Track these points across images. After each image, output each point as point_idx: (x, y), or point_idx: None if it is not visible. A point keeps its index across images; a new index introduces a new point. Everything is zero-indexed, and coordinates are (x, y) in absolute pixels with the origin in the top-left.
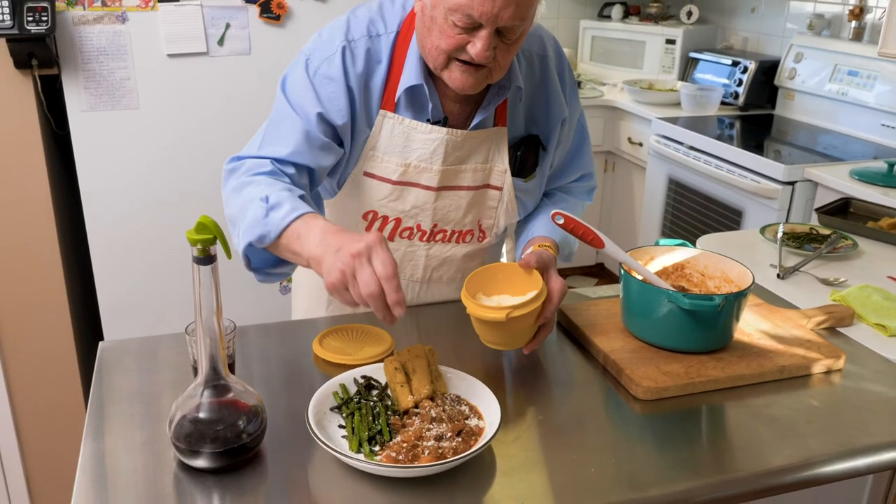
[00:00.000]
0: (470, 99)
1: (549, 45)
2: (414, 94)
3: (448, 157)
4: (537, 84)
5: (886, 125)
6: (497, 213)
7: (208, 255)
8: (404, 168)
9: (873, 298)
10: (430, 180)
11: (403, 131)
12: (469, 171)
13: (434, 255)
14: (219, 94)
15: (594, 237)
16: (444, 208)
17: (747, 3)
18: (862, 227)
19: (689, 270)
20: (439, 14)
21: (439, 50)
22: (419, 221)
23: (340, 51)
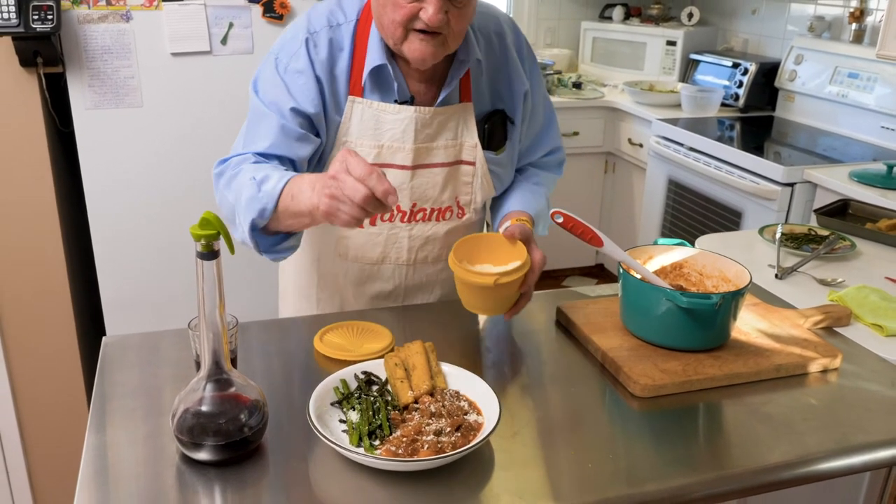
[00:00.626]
0: (434, 77)
1: (505, 24)
2: (379, 75)
3: (419, 135)
4: (497, 61)
5: (886, 127)
6: (473, 189)
7: (212, 251)
8: (378, 150)
9: (870, 299)
10: (405, 159)
11: (373, 114)
12: (441, 148)
13: (417, 236)
14: (221, 93)
15: (593, 236)
16: (421, 186)
17: (748, 5)
18: (860, 229)
19: (687, 270)
20: None
21: (395, 23)
22: (398, 203)
23: (304, 43)
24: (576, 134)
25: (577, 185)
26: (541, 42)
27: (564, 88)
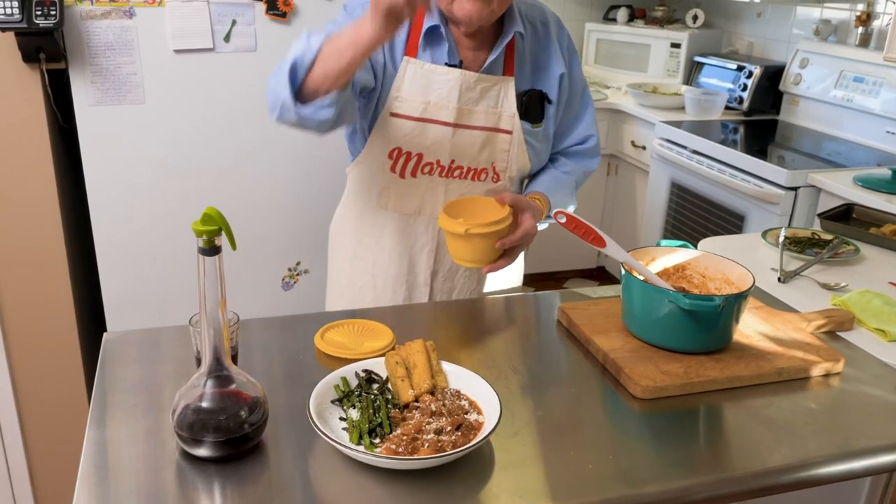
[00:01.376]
0: (482, 46)
1: (550, 16)
2: (433, 37)
3: (462, 97)
4: (540, 45)
5: (891, 132)
6: (509, 157)
7: (214, 246)
8: (425, 106)
9: (874, 303)
10: (448, 116)
11: (424, 74)
12: (482, 113)
13: (452, 192)
14: (224, 90)
15: (596, 236)
16: (460, 144)
17: (753, 8)
18: (864, 233)
19: (689, 272)
20: None
21: None
22: (438, 157)
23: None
24: None
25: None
26: None
27: None
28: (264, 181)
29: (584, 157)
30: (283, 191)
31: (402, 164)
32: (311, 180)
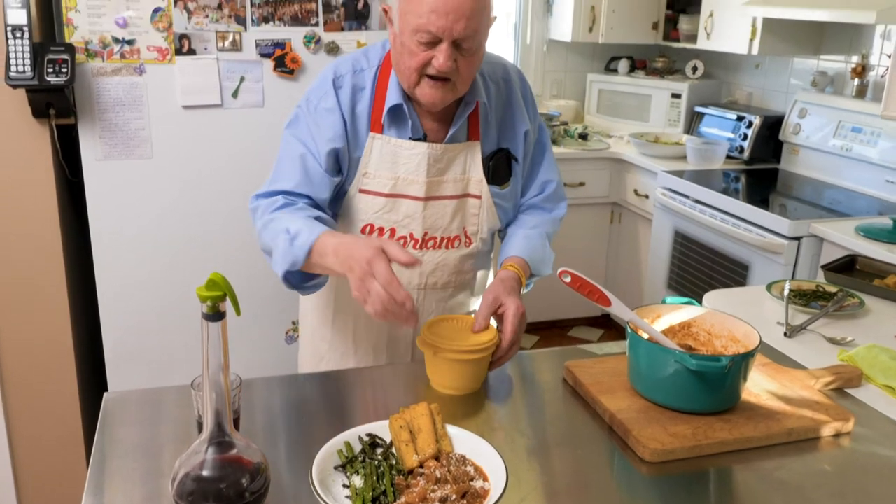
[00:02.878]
0: (445, 117)
1: (512, 71)
2: (396, 114)
3: (431, 169)
4: (504, 103)
5: (891, 181)
6: (480, 220)
7: (218, 312)
8: (394, 181)
9: (881, 359)
10: (418, 191)
11: (391, 149)
12: (450, 182)
13: (427, 262)
14: (231, 145)
15: (601, 295)
16: (432, 216)
17: (751, 59)
18: (868, 285)
19: (695, 329)
20: (407, 38)
21: (410, 69)
22: (411, 230)
23: (332, 84)
24: (582, 184)
25: (584, 235)
26: (547, 93)
27: (570, 139)
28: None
29: (547, 206)
30: None
31: None
32: None
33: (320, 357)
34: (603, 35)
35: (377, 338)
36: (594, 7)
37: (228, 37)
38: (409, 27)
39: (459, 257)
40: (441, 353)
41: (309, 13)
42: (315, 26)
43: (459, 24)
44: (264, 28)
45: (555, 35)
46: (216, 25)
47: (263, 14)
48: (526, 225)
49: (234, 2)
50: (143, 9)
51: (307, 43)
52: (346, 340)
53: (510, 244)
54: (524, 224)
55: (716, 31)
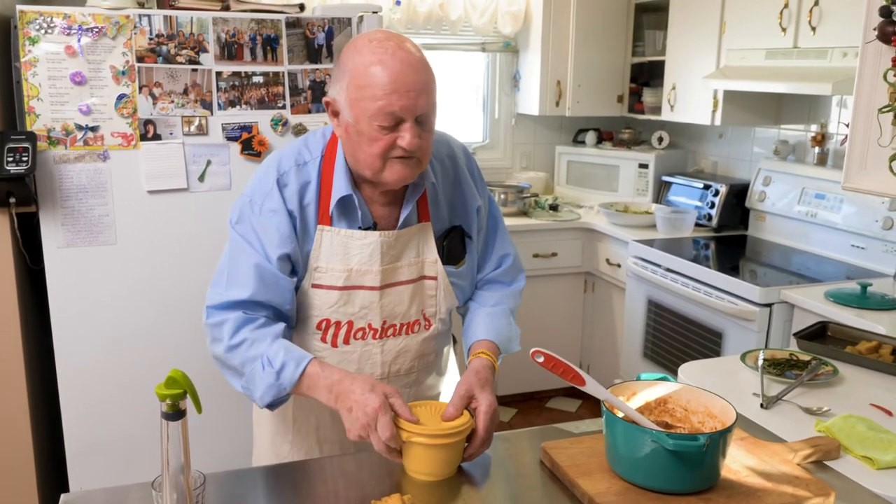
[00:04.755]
0: (394, 201)
1: (456, 147)
2: (345, 205)
3: (385, 257)
4: (452, 181)
5: (856, 245)
6: (437, 301)
7: (178, 410)
8: (347, 273)
9: (858, 429)
10: (373, 281)
11: (341, 241)
12: (405, 267)
13: (389, 350)
14: (198, 229)
15: (574, 375)
16: (390, 304)
17: (715, 129)
18: (841, 353)
19: (671, 405)
20: (364, 125)
21: (374, 156)
22: (369, 321)
23: (276, 183)
24: (554, 255)
25: (558, 306)
26: (517, 165)
27: (541, 210)
28: None
29: (506, 279)
30: None
31: (332, 334)
32: None
33: (282, 458)
34: (570, 109)
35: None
36: (560, 82)
37: (194, 121)
38: (367, 114)
39: (421, 341)
40: (415, 437)
41: (275, 96)
42: (282, 109)
43: (421, 100)
44: (231, 112)
45: (523, 109)
46: (182, 110)
47: (230, 98)
48: (487, 302)
49: (200, 87)
50: (108, 96)
51: (274, 126)
52: (310, 438)
53: (475, 326)
54: (485, 301)
55: (679, 103)
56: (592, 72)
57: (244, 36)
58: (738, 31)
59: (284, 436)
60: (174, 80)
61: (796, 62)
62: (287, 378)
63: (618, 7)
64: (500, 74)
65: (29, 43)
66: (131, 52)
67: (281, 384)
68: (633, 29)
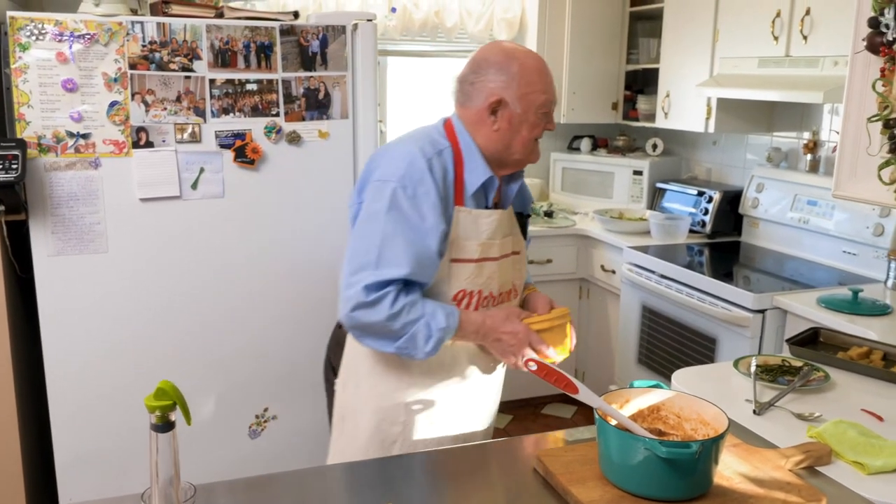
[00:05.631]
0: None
1: None
2: (484, 186)
3: (500, 232)
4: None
5: (847, 252)
6: (522, 273)
7: (167, 422)
8: (480, 247)
9: (849, 434)
10: (496, 252)
11: (473, 219)
12: (509, 241)
13: None
14: (191, 237)
15: (568, 383)
16: (503, 273)
17: (708, 136)
18: (832, 358)
19: (664, 412)
20: (531, 114)
21: (530, 140)
22: (491, 289)
23: (428, 169)
24: (549, 261)
25: None
26: None
27: (537, 217)
28: (229, 327)
29: None
30: (249, 336)
31: (465, 304)
32: (277, 325)
33: (392, 441)
34: (564, 116)
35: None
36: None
37: (187, 128)
38: (535, 104)
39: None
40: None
41: (269, 104)
42: (276, 116)
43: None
44: (224, 119)
45: None
46: (174, 118)
47: (223, 106)
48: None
49: (193, 94)
50: (99, 103)
51: (268, 133)
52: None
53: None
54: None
55: (673, 110)
56: (587, 79)
57: (238, 43)
58: (731, 40)
59: (395, 419)
60: (167, 88)
61: (788, 70)
62: (450, 329)
63: (613, 15)
64: None
65: (19, 49)
66: (124, 58)
67: (444, 336)
68: (627, 37)
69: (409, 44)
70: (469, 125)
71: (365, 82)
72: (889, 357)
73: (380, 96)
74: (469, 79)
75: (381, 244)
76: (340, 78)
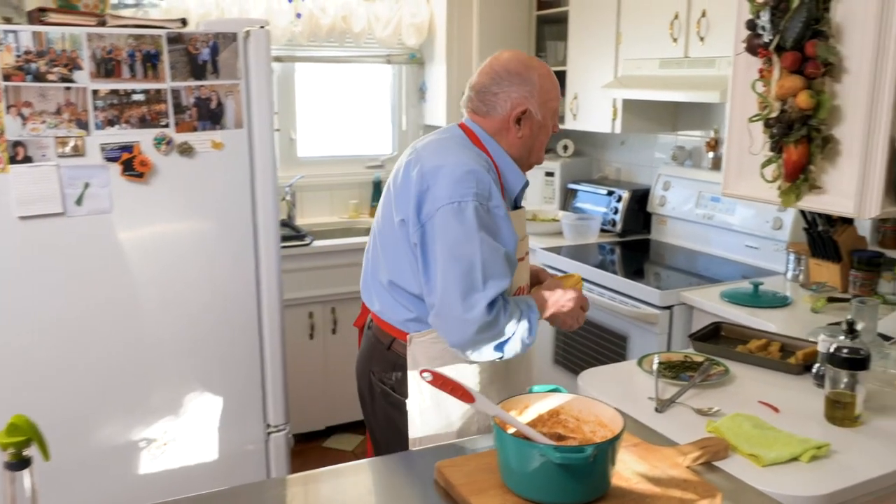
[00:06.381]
0: None
1: None
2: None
3: (524, 230)
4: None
5: (750, 246)
6: (529, 273)
7: (22, 459)
8: (521, 245)
9: (745, 427)
10: (526, 248)
11: (515, 219)
12: (527, 240)
13: None
14: (77, 255)
15: (463, 392)
16: (526, 269)
17: (616, 136)
18: (732, 352)
19: (564, 416)
20: (549, 120)
21: (545, 144)
22: (521, 284)
23: (492, 181)
24: None
25: None
26: None
27: None
28: (118, 348)
29: None
30: (139, 358)
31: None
32: (170, 344)
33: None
34: None
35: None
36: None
37: (69, 142)
38: (552, 110)
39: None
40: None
41: (158, 114)
42: (165, 127)
43: None
44: (109, 131)
45: (430, 120)
46: (55, 131)
47: (108, 117)
48: None
49: (75, 106)
50: None
51: (157, 144)
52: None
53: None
54: None
55: (581, 112)
56: None
57: (122, 52)
58: (633, 42)
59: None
60: (45, 100)
61: (687, 71)
62: (536, 312)
63: (520, 19)
64: (407, 86)
65: None
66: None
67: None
68: (535, 40)
69: (316, 49)
70: (493, 133)
71: (259, 91)
72: (786, 348)
73: (289, 103)
74: (491, 90)
75: (483, 263)
76: (233, 86)
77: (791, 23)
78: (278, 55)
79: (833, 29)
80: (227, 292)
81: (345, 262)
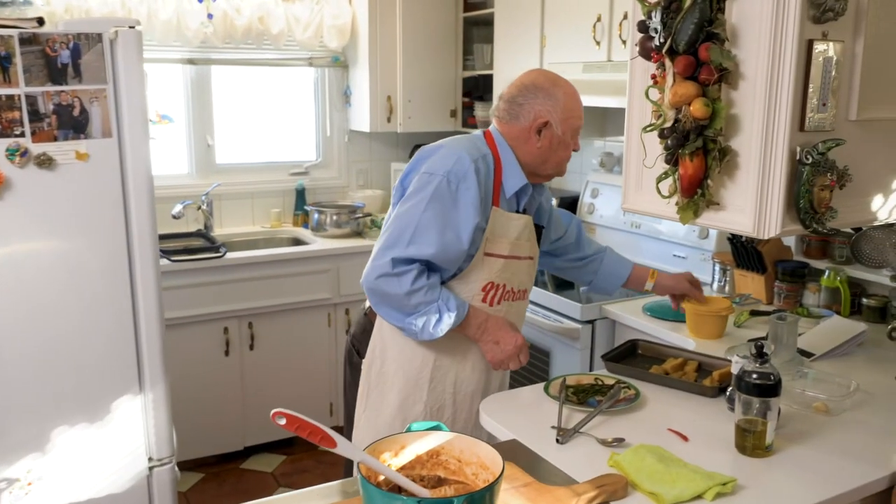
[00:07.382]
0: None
1: None
2: (518, 192)
3: (525, 235)
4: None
5: (677, 255)
6: (533, 278)
7: None
8: (511, 245)
9: (647, 461)
10: (521, 252)
11: (505, 220)
12: (530, 245)
13: (513, 311)
14: None
15: (324, 436)
16: (523, 274)
17: None
18: (645, 373)
19: (444, 457)
20: (569, 136)
21: (565, 158)
22: (513, 285)
23: (473, 167)
24: None
25: None
26: (354, 184)
27: (377, 230)
28: None
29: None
30: (4, 386)
31: (491, 295)
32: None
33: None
34: (401, 124)
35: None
36: (390, 97)
37: None
38: (572, 128)
39: (524, 306)
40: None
41: (11, 123)
42: (20, 137)
43: None
44: None
45: (355, 125)
46: None
47: None
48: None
49: None
50: None
51: (11, 156)
52: (444, 394)
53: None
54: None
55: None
56: (423, 86)
57: None
58: (557, 45)
59: (417, 398)
60: None
61: (610, 75)
62: (458, 318)
63: (446, 21)
64: (330, 90)
65: None
66: None
67: (452, 323)
68: (462, 43)
69: (232, 52)
70: (511, 139)
71: (131, 97)
72: (704, 367)
73: (205, 108)
74: (517, 100)
75: (416, 227)
76: (99, 92)
77: (683, 24)
78: (192, 58)
79: (728, 31)
80: (98, 313)
81: (263, 275)
